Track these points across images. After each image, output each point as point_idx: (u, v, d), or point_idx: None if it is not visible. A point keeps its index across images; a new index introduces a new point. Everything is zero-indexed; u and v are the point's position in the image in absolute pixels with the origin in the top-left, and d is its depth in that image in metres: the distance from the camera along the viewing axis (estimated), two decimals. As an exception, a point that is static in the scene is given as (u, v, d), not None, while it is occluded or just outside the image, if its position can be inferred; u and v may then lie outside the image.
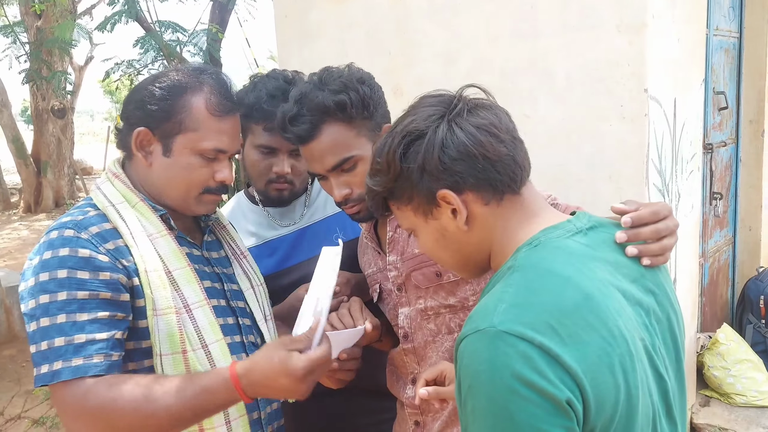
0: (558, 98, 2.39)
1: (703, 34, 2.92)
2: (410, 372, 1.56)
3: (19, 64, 7.67)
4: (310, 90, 1.42)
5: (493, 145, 0.99)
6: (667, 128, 2.52)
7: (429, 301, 1.50)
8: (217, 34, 5.51)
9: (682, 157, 2.74)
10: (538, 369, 0.83)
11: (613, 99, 2.29)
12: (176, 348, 1.27)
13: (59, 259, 1.21)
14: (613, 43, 2.27)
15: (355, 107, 1.41)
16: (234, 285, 1.46)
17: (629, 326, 0.92)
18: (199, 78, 1.35)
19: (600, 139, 2.33)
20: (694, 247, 3.05)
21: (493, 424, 0.85)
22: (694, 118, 2.84)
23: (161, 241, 1.32)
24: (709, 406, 3.13)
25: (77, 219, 1.27)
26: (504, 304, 0.89)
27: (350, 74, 1.45)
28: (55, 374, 1.17)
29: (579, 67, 2.34)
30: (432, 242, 1.07)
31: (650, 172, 2.35)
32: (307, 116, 1.40)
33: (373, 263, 1.61)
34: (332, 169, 1.42)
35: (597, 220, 1.07)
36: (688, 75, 2.71)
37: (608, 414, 0.86)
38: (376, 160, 1.06)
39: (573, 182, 2.39)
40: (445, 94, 1.07)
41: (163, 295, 1.27)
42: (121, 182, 1.36)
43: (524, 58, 2.44)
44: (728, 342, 3.16)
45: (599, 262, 0.97)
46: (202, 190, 1.36)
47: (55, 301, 1.19)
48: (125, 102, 1.38)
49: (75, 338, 1.18)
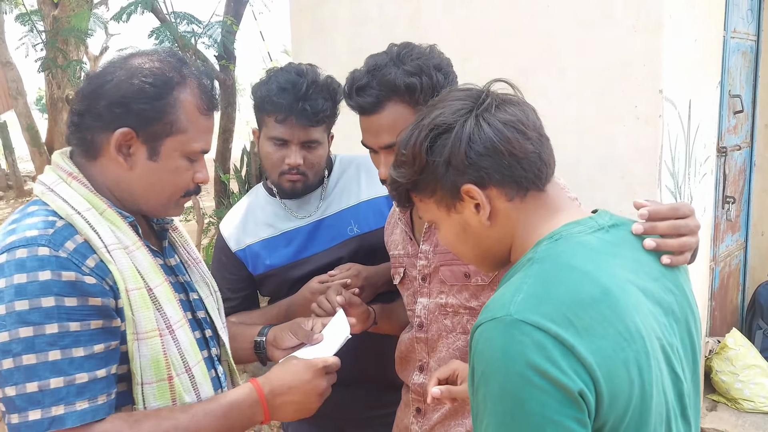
0: (571, 97, 2.38)
1: (720, 36, 2.89)
2: (418, 359, 1.58)
3: (36, 53, 7.74)
4: (385, 64, 1.38)
5: (520, 142, 0.99)
6: (681, 130, 2.50)
7: (451, 298, 1.50)
8: (232, 26, 5.52)
9: (696, 159, 2.71)
10: (552, 359, 0.83)
11: (628, 99, 2.28)
12: (161, 375, 1.14)
13: (41, 284, 1.03)
14: (628, 42, 2.25)
15: (424, 93, 1.37)
16: (194, 293, 1.34)
17: (647, 324, 0.92)
18: (181, 71, 1.21)
19: (613, 140, 2.32)
20: (706, 251, 3.03)
21: (504, 412, 0.85)
22: (708, 121, 2.82)
23: (138, 254, 1.17)
24: (716, 411, 3.12)
25: (47, 233, 1.08)
26: (522, 294, 0.89)
27: (429, 58, 1.40)
28: (55, 421, 1.01)
29: (593, 66, 2.33)
30: (453, 235, 1.07)
31: (663, 174, 2.33)
32: (375, 89, 1.38)
33: (401, 246, 1.61)
34: (385, 147, 1.41)
35: (619, 218, 1.07)
36: (703, 77, 2.68)
37: (621, 409, 0.86)
38: (401, 152, 1.06)
39: (584, 182, 2.37)
40: (473, 88, 1.07)
41: (147, 317, 1.13)
42: (80, 184, 1.17)
43: (538, 56, 2.43)
44: (737, 347, 3.14)
45: (620, 259, 0.97)
46: (183, 194, 1.26)
47: (42, 334, 1.02)
48: (89, 96, 1.19)
49: (76, 378, 1.04)
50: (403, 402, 1.66)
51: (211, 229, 6.45)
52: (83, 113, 1.19)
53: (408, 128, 1.07)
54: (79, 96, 1.21)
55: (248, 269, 1.84)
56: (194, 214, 5.40)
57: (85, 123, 1.18)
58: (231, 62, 5.82)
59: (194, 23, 4.99)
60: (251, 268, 1.84)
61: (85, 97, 1.19)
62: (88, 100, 1.18)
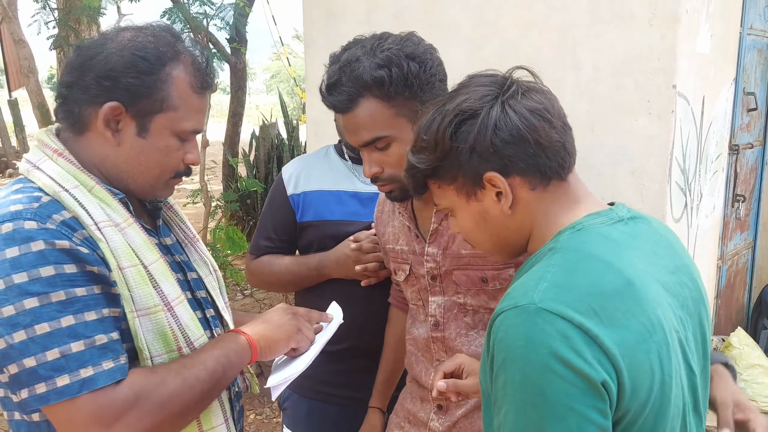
0: (584, 90, 2.36)
1: (737, 33, 2.86)
2: (436, 359, 1.53)
3: (48, 30, 7.73)
4: (357, 58, 1.33)
5: (546, 131, 0.98)
6: (694, 126, 2.48)
7: (469, 299, 1.46)
8: (245, 8, 5.50)
9: (707, 156, 2.69)
10: (576, 348, 0.83)
11: (641, 94, 2.26)
12: (171, 346, 1.15)
13: (36, 254, 1.01)
14: (644, 36, 2.23)
15: (395, 85, 1.32)
16: (193, 273, 1.32)
17: (667, 316, 0.92)
18: (174, 47, 1.17)
19: (624, 134, 2.30)
20: (713, 249, 3.02)
21: (524, 399, 0.85)
22: (721, 118, 2.79)
23: (130, 231, 1.14)
24: (717, 409, 3.11)
25: (32, 207, 1.05)
26: (545, 282, 0.89)
27: (402, 47, 1.34)
28: (86, 383, 1.01)
29: (607, 60, 2.31)
30: (472, 223, 1.05)
31: (673, 170, 2.31)
32: (345, 87, 1.33)
33: (404, 241, 1.55)
34: (365, 144, 1.38)
35: (636, 212, 1.07)
36: (718, 73, 2.65)
37: (642, 400, 0.86)
38: (421, 137, 1.04)
39: (594, 176, 2.36)
40: (497, 74, 1.05)
41: (147, 293, 1.12)
42: (66, 161, 1.14)
43: (552, 48, 2.41)
44: (741, 346, 3.13)
45: (639, 251, 0.97)
46: (173, 174, 1.23)
47: (49, 303, 1.01)
48: (78, 68, 1.15)
49: (96, 339, 1.03)
50: (417, 395, 1.62)
51: (218, 212, 6.47)
52: (71, 85, 1.15)
53: (428, 113, 1.04)
54: (68, 68, 1.17)
55: (296, 215, 1.84)
56: (202, 196, 5.41)
57: (73, 96, 1.15)
58: (242, 46, 5.81)
59: (207, 5, 4.98)
60: (299, 214, 1.83)
61: (74, 69, 1.16)
62: (76, 72, 1.15)
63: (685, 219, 2.52)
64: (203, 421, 1.20)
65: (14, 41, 8.62)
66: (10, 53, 12.20)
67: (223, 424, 1.24)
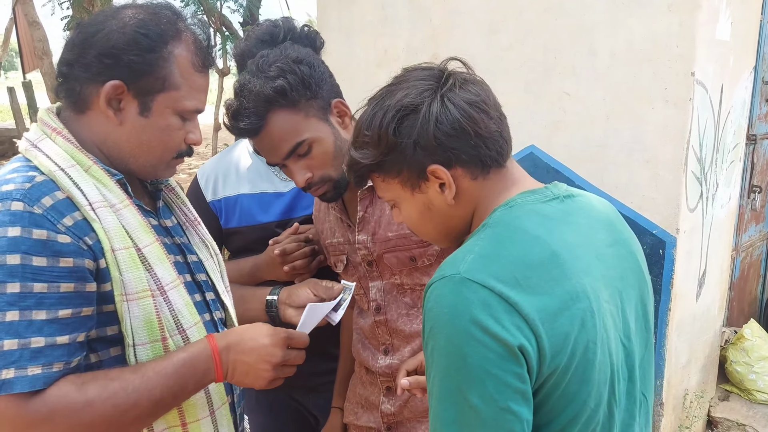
0: (600, 77, 2.33)
1: (757, 20, 2.81)
2: (382, 343, 1.58)
3: (62, 11, 7.75)
4: (249, 80, 1.38)
5: (485, 122, 1.01)
6: (711, 115, 2.44)
7: (404, 278, 1.51)
8: (258, -8, 5.48)
9: (724, 146, 2.66)
10: (495, 316, 0.89)
11: (658, 81, 2.23)
12: (155, 335, 1.11)
13: (8, 240, 0.98)
14: (662, 22, 2.20)
15: (296, 90, 1.37)
16: (193, 256, 1.30)
17: (595, 287, 0.97)
18: (176, 25, 1.15)
19: (640, 122, 2.27)
20: (728, 239, 2.99)
21: (448, 364, 0.91)
22: (740, 107, 2.75)
23: (125, 212, 1.12)
24: (728, 401, 3.10)
25: (24, 187, 1.03)
26: (472, 254, 0.94)
27: (286, 56, 1.40)
28: (4, 384, 0.96)
29: (625, 47, 2.28)
30: (417, 215, 1.09)
31: (690, 159, 2.29)
32: (250, 108, 1.36)
33: (339, 233, 1.59)
34: (287, 156, 1.41)
35: (576, 190, 1.10)
36: (737, 62, 2.61)
37: (563, 364, 0.91)
38: (363, 133, 1.05)
39: (609, 164, 2.34)
40: (433, 67, 1.07)
41: (137, 277, 1.09)
42: (64, 140, 1.12)
43: (568, 34, 2.38)
44: (754, 338, 3.11)
45: (573, 225, 1.02)
46: (175, 154, 1.20)
47: (3, 293, 0.97)
48: (79, 46, 1.13)
49: (32, 341, 0.98)
50: (367, 381, 1.66)
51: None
52: (72, 63, 1.13)
53: (368, 108, 1.06)
54: (69, 45, 1.14)
55: (220, 222, 1.83)
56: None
57: (74, 74, 1.13)
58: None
59: (220, -12, 4.96)
60: (223, 220, 1.83)
61: (75, 46, 1.13)
62: (77, 50, 1.13)
63: (700, 209, 2.49)
64: (186, 414, 1.17)
65: (28, 23, 8.64)
66: (25, 35, 12.25)
67: (207, 416, 1.20)
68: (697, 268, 2.63)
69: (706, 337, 2.91)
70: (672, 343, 2.47)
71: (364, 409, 1.67)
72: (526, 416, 0.90)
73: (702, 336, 2.85)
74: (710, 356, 3.04)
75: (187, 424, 1.17)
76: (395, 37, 2.77)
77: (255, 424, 2.04)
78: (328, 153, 1.43)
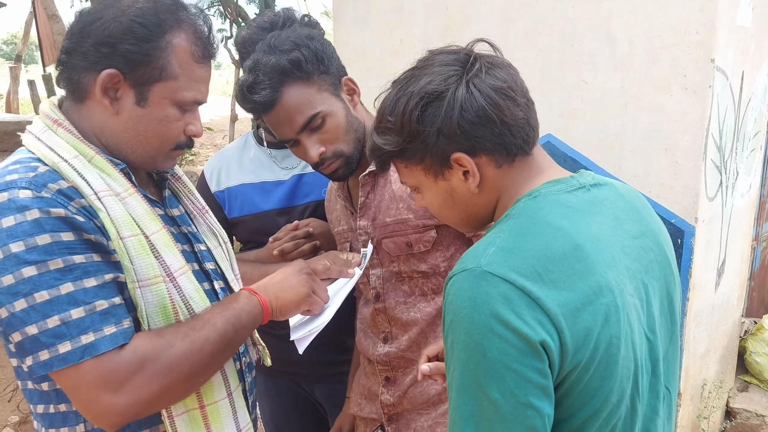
0: (618, 64, 2.31)
1: (780, 6, 2.76)
2: (381, 331, 1.59)
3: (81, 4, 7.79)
4: (262, 56, 1.40)
5: (511, 109, 0.99)
6: (732, 103, 2.41)
7: (401, 265, 1.52)
8: (274, -17, 5.48)
9: (745, 134, 2.62)
10: (517, 310, 0.87)
11: (677, 68, 2.20)
12: (170, 319, 1.13)
13: (31, 223, 1.00)
14: (682, 8, 2.17)
15: (311, 63, 1.40)
16: (201, 245, 1.31)
17: (620, 281, 0.95)
18: (176, 15, 1.15)
19: (659, 110, 2.25)
20: (748, 229, 2.95)
21: (467, 358, 0.90)
22: (761, 94, 2.71)
23: (131, 201, 1.13)
24: (747, 392, 3.08)
25: (27, 176, 1.04)
26: (494, 247, 0.93)
27: (298, 33, 1.43)
28: (88, 349, 1.00)
29: (643, 33, 2.25)
30: (440, 201, 1.08)
31: (709, 147, 2.26)
32: (265, 81, 1.38)
33: (344, 221, 1.61)
34: (302, 129, 1.42)
35: (602, 179, 1.08)
36: (759, 48, 2.57)
37: (586, 359, 0.89)
38: (386, 119, 1.04)
39: (627, 152, 2.32)
40: (460, 50, 1.05)
41: (148, 263, 1.10)
42: (65, 131, 1.13)
43: (586, 21, 2.36)
44: (774, 329, 3.08)
45: (599, 217, 0.99)
46: (174, 146, 1.20)
47: (47, 271, 1.00)
48: (78, 34, 1.13)
49: (96, 305, 1.02)
50: (368, 371, 1.68)
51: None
52: (71, 51, 1.14)
53: (392, 91, 1.05)
54: (68, 34, 1.15)
55: (224, 212, 1.86)
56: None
57: (72, 62, 1.14)
58: (271, 20, 5.79)
59: (236, -21, 4.97)
60: (227, 210, 1.86)
61: (74, 34, 1.14)
62: (76, 38, 1.13)
63: (719, 197, 2.46)
64: (204, 396, 1.19)
65: (48, 16, 8.72)
66: (44, 28, 12.36)
67: (225, 398, 1.22)
68: (716, 258, 2.60)
69: (724, 327, 2.88)
70: (690, 332, 2.45)
71: (367, 399, 1.68)
72: (548, 411, 0.89)
73: (720, 326, 2.83)
74: (729, 347, 3.01)
75: (206, 406, 1.19)
76: (411, 27, 2.75)
77: (263, 411, 2.08)
78: (340, 127, 1.45)
